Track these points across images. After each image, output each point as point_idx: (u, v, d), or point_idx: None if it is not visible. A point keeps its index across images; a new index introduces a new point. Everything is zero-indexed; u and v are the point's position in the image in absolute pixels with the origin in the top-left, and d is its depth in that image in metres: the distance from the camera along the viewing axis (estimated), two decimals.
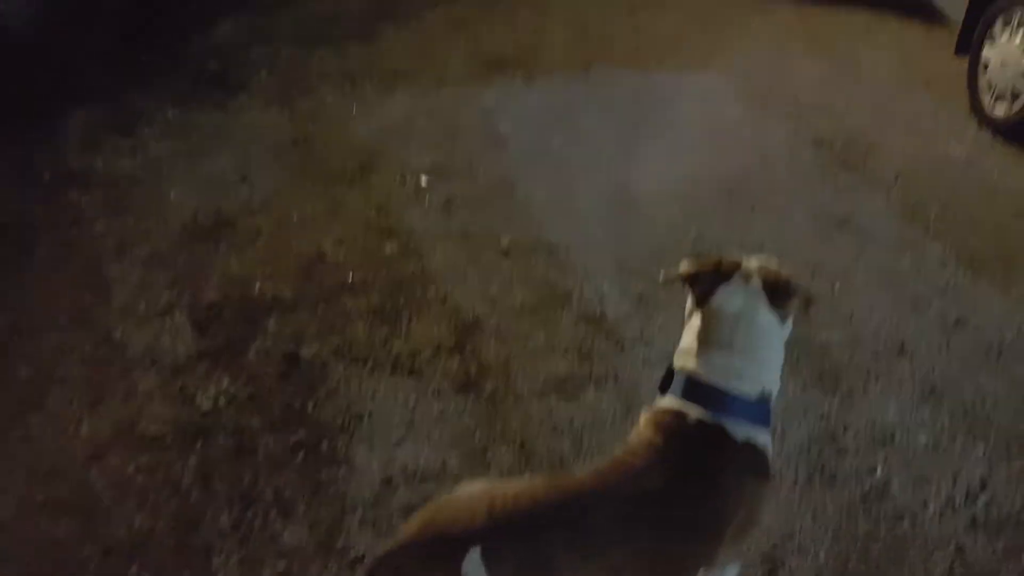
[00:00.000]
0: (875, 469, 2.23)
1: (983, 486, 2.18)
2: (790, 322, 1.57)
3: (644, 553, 1.43)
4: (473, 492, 1.41)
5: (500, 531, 1.33)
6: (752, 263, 1.57)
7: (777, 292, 1.53)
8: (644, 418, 1.55)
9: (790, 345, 1.60)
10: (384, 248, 3.12)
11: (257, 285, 2.90)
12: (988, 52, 3.90)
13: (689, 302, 1.61)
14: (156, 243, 3.12)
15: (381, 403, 2.42)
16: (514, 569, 1.33)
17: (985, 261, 3.04)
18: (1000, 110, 3.85)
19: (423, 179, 3.57)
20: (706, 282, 1.55)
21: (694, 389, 1.50)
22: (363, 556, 1.96)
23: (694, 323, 1.56)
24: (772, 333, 1.53)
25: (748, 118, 4.09)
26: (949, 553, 2.01)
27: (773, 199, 3.43)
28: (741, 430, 1.47)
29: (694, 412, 1.48)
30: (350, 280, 2.93)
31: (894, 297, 2.86)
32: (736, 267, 1.55)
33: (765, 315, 1.52)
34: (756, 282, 1.53)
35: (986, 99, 3.94)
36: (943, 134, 3.94)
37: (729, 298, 1.52)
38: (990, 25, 3.87)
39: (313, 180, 3.57)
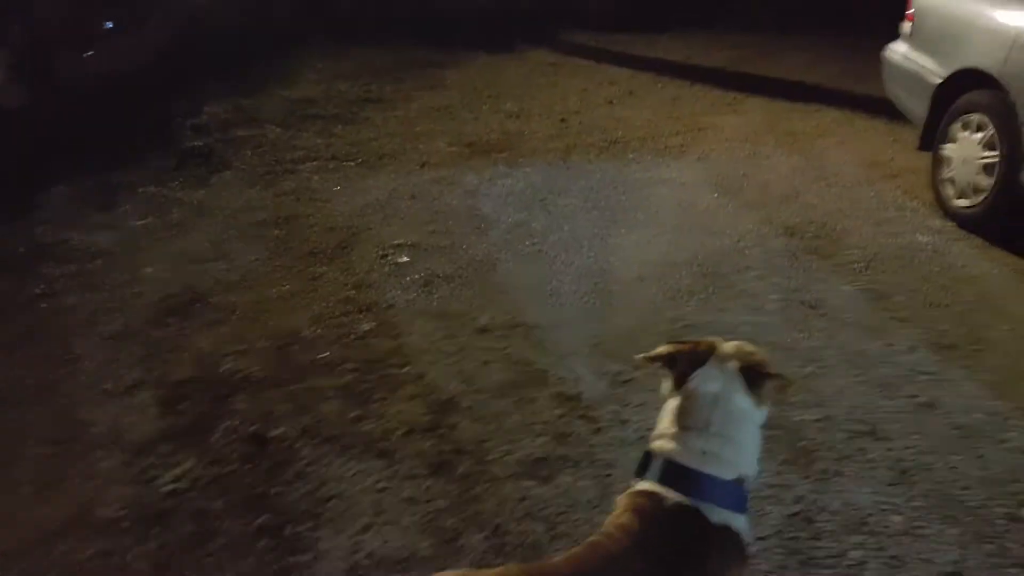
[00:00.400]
0: (850, 553, 2.16)
1: (957, 570, 2.12)
2: (766, 406, 1.56)
3: None
4: None
5: None
6: (728, 346, 1.56)
7: (753, 376, 1.52)
8: (621, 502, 1.52)
9: (766, 428, 1.57)
10: (361, 325, 3.08)
11: (228, 363, 2.85)
12: (949, 150, 4.06)
13: (665, 384, 1.59)
14: (128, 319, 3.07)
15: (350, 486, 2.33)
16: None
17: (953, 345, 3.05)
18: (963, 203, 3.97)
19: (403, 257, 3.57)
20: (683, 364, 1.55)
21: (671, 472, 1.48)
22: None
23: (671, 405, 1.55)
24: (748, 416, 1.52)
25: (722, 206, 4.18)
26: None
27: (747, 283, 3.45)
28: (718, 514, 1.44)
29: (671, 495, 1.45)
30: (324, 358, 2.89)
31: (865, 380, 2.85)
32: (713, 350, 1.55)
33: (742, 398, 1.51)
34: (733, 365, 1.52)
35: (949, 192, 4.07)
36: (909, 224, 4.03)
37: (706, 381, 1.51)
38: (950, 125, 4.04)
39: (293, 257, 3.56)
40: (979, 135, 3.84)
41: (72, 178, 4.17)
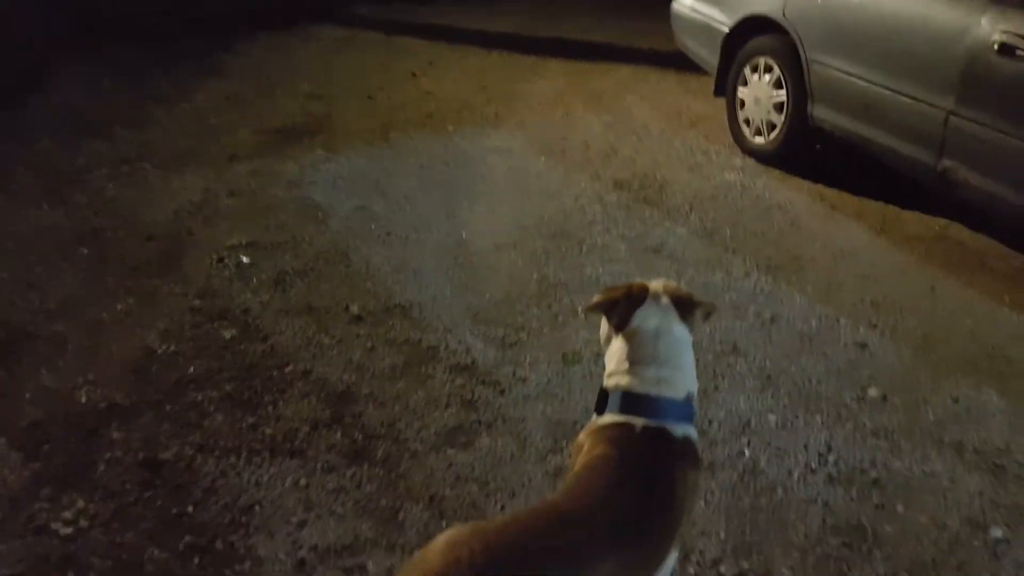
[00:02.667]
0: (743, 452, 2.63)
1: (829, 448, 2.66)
2: (693, 330, 1.88)
3: (628, 557, 1.57)
4: (457, 535, 1.45)
5: (501, 561, 1.40)
6: (657, 284, 1.86)
7: (684, 306, 1.84)
8: (587, 438, 1.74)
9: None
10: (222, 334, 3.06)
11: (83, 395, 2.72)
12: (743, 92, 4.77)
13: (604, 329, 1.87)
14: None
15: (269, 489, 2.38)
16: None
17: (779, 267, 3.68)
18: (760, 140, 4.70)
19: (243, 257, 3.55)
20: (623, 308, 1.82)
21: (633, 402, 1.73)
22: None
23: (615, 347, 1.82)
24: (686, 342, 1.83)
25: (551, 168, 4.58)
26: (818, 508, 2.43)
27: (596, 237, 3.87)
28: (679, 429, 1.73)
29: (638, 421, 1.71)
30: (193, 373, 2.85)
31: (718, 306, 3.35)
32: (646, 291, 1.84)
33: (678, 327, 1.81)
34: (666, 300, 1.82)
35: (746, 132, 4.79)
36: (717, 166, 4.70)
37: (647, 318, 1.80)
38: (741, 70, 4.74)
39: (115, 276, 3.40)
40: (768, 76, 4.56)
41: None
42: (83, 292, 3.29)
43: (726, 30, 4.80)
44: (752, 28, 4.65)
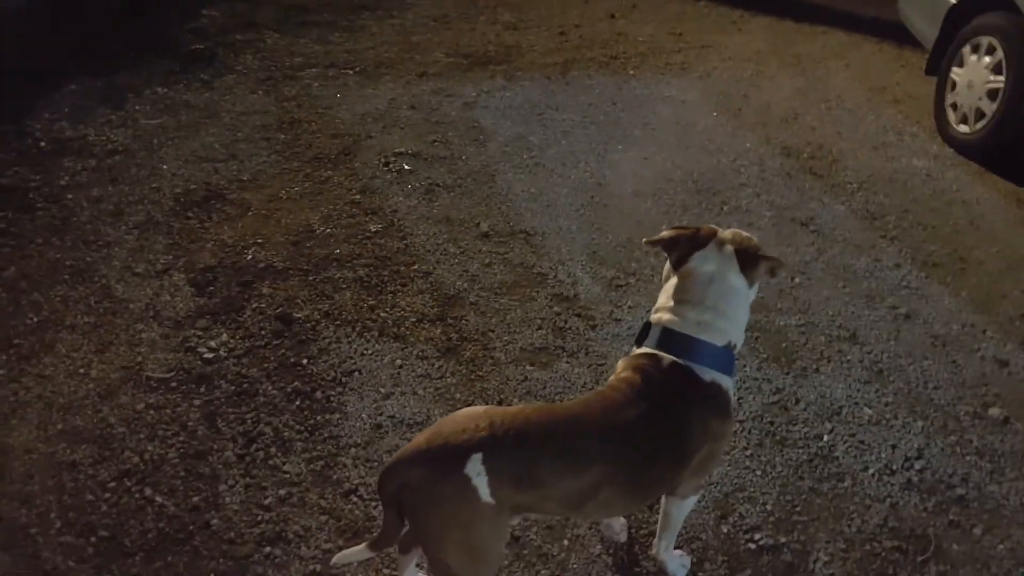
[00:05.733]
0: (822, 436, 2.65)
1: (919, 455, 2.60)
2: (757, 286, 1.95)
3: (619, 472, 1.77)
4: (474, 411, 1.74)
5: (499, 441, 1.66)
6: (727, 232, 1.93)
7: (747, 258, 1.89)
8: (622, 363, 1.91)
9: (749, 330, 1.96)
10: (369, 226, 3.55)
11: (250, 253, 3.32)
12: (956, 74, 4.50)
13: (667, 266, 1.97)
14: (151, 211, 3.54)
15: (370, 361, 2.84)
16: (509, 474, 1.67)
17: (939, 264, 3.55)
18: (963, 129, 4.43)
19: (406, 165, 4.02)
20: (684, 247, 1.91)
21: (668, 338, 1.86)
22: (357, 487, 2.37)
23: (670, 284, 1.93)
24: (740, 294, 1.89)
25: (721, 125, 4.63)
26: (884, 508, 2.42)
27: (742, 200, 3.94)
28: (708, 373, 1.84)
29: (668, 356, 1.84)
30: (338, 253, 3.36)
31: (850, 292, 3.34)
32: (712, 235, 1.92)
33: (735, 278, 1.88)
34: (729, 249, 1.89)
35: (951, 118, 4.53)
36: (907, 149, 4.51)
37: (704, 262, 1.88)
38: (959, 49, 4.47)
39: (300, 161, 4.01)
40: (987, 59, 4.25)
41: (79, 79, 4.57)
42: (273, 170, 3.92)
43: (952, 2, 4.52)
44: (982, 3, 4.33)
